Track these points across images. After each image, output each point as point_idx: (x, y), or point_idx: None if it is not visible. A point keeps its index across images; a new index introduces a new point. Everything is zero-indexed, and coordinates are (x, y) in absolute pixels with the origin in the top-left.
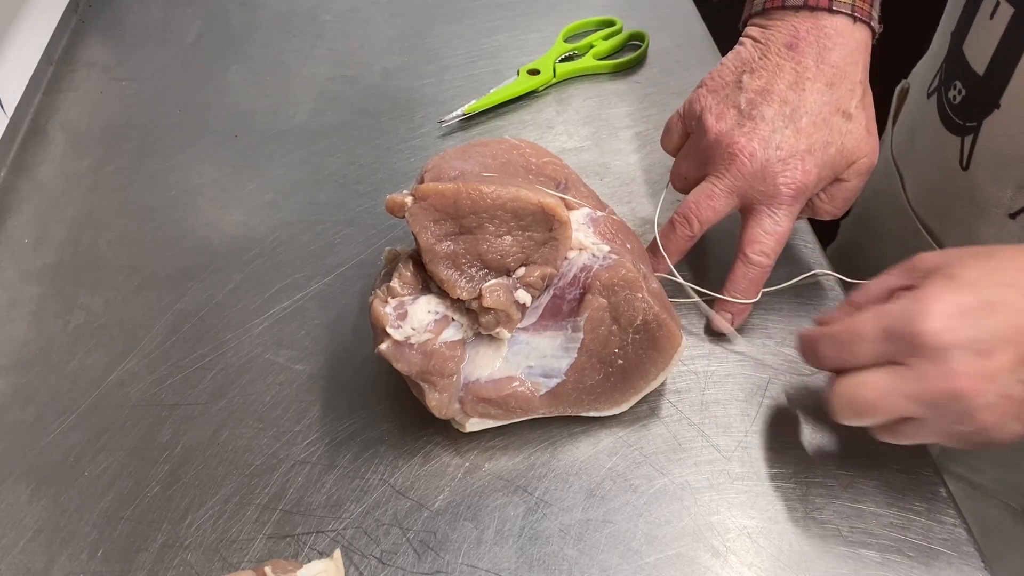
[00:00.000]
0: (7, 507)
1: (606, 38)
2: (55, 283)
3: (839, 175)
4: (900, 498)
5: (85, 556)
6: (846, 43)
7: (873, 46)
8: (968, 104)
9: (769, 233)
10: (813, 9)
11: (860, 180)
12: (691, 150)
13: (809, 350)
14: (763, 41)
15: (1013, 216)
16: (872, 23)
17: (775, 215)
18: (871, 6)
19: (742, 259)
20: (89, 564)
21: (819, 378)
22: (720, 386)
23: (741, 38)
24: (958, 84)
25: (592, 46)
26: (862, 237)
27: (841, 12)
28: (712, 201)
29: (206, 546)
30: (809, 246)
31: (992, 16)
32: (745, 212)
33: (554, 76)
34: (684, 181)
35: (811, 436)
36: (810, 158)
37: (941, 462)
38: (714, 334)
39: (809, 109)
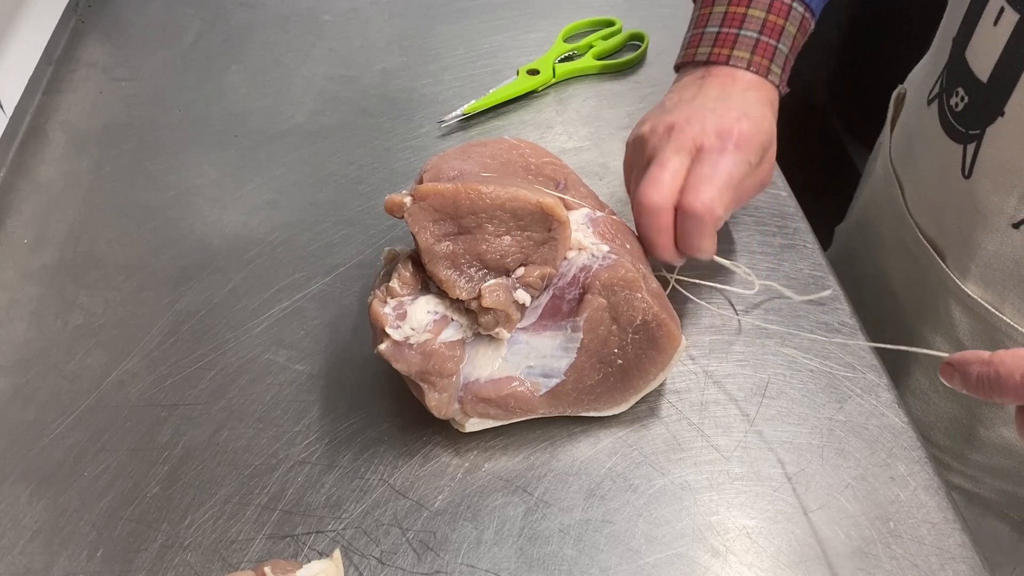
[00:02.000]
0: (7, 507)
1: (606, 38)
2: (55, 283)
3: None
4: (900, 501)
5: (85, 556)
6: (749, 81)
7: (871, 49)
8: (971, 111)
9: (705, 180)
10: (714, 64)
11: (770, 166)
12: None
13: (989, 381)
14: (678, 82)
15: (1016, 226)
16: (771, 77)
17: (713, 161)
18: (771, 62)
19: (679, 209)
20: (89, 564)
21: (817, 376)
22: (720, 386)
23: None
24: (960, 91)
25: (592, 46)
26: (860, 244)
27: (737, 67)
28: (663, 167)
29: (206, 546)
30: (809, 247)
31: (996, 22)
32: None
33: (554, 76)
34: None
35: (810, 436)
36: (745, 118)
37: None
38: (716, 334)
39: (735, 99)
